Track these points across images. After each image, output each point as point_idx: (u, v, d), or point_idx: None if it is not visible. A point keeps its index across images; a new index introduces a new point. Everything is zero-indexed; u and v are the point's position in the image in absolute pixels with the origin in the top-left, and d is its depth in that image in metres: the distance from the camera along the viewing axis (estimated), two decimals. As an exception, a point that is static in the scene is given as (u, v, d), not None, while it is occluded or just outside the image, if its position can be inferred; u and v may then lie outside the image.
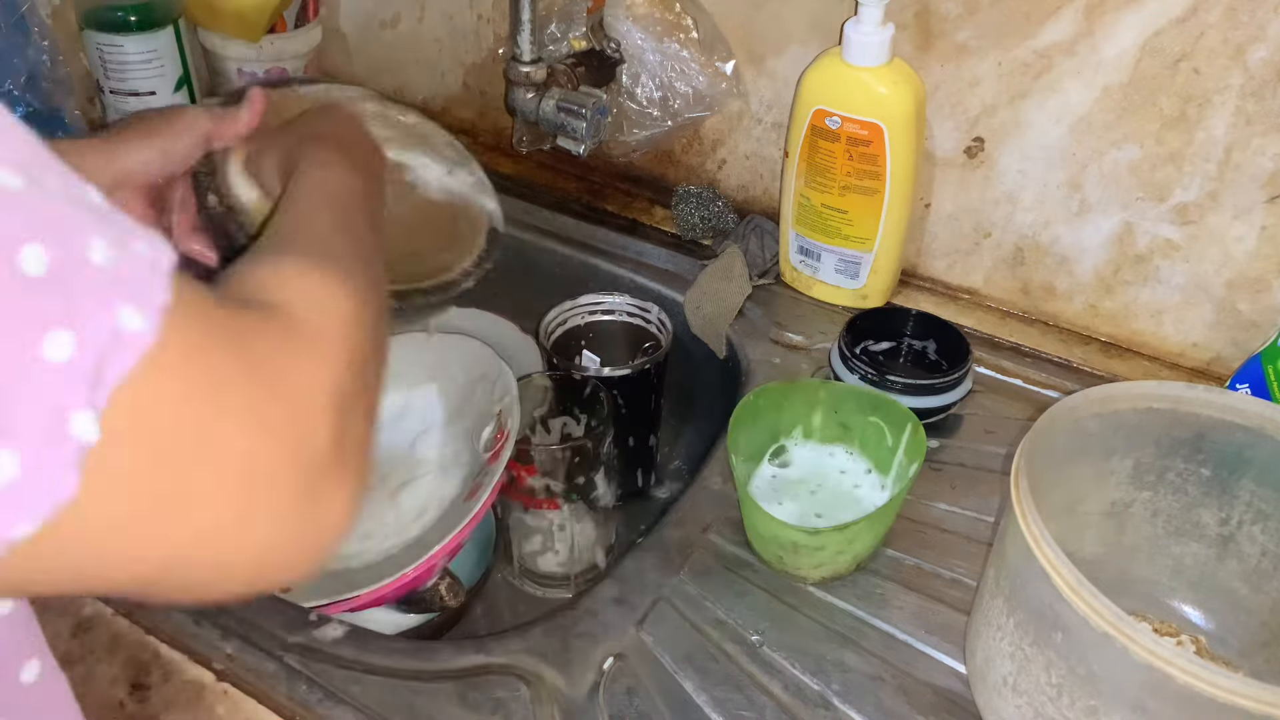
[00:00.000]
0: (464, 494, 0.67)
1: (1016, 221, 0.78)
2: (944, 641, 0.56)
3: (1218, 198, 0.70)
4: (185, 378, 0.27)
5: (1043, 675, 0.46)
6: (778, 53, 0.83)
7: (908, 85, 0.73)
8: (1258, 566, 0.54)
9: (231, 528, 0.29)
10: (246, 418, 0.29)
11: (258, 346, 0.31)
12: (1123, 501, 0.56)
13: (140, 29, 0.90)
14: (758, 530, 0.60)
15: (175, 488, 0.27)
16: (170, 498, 0.27)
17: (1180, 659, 0.39)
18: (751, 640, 0.56)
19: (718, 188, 0.92)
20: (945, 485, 0.66)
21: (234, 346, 0.30)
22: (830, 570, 0.59)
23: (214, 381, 0.28)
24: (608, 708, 0.53)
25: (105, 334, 0.25)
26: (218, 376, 0.28)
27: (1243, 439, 0.52)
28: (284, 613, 0.57)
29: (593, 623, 0.57)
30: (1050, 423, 0.50)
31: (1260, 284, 0.71)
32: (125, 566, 0.28)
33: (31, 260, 0.23)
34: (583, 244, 0.90)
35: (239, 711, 0.53)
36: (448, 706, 0.53)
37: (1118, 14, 0.68)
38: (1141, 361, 0.77)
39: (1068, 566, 0.42)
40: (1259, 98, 0.66)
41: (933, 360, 0.74)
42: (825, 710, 0.53)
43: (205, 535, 0.28)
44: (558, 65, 0.84)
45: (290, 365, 0.32)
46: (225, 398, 0.28)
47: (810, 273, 0.82)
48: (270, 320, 0.33)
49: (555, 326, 0.79)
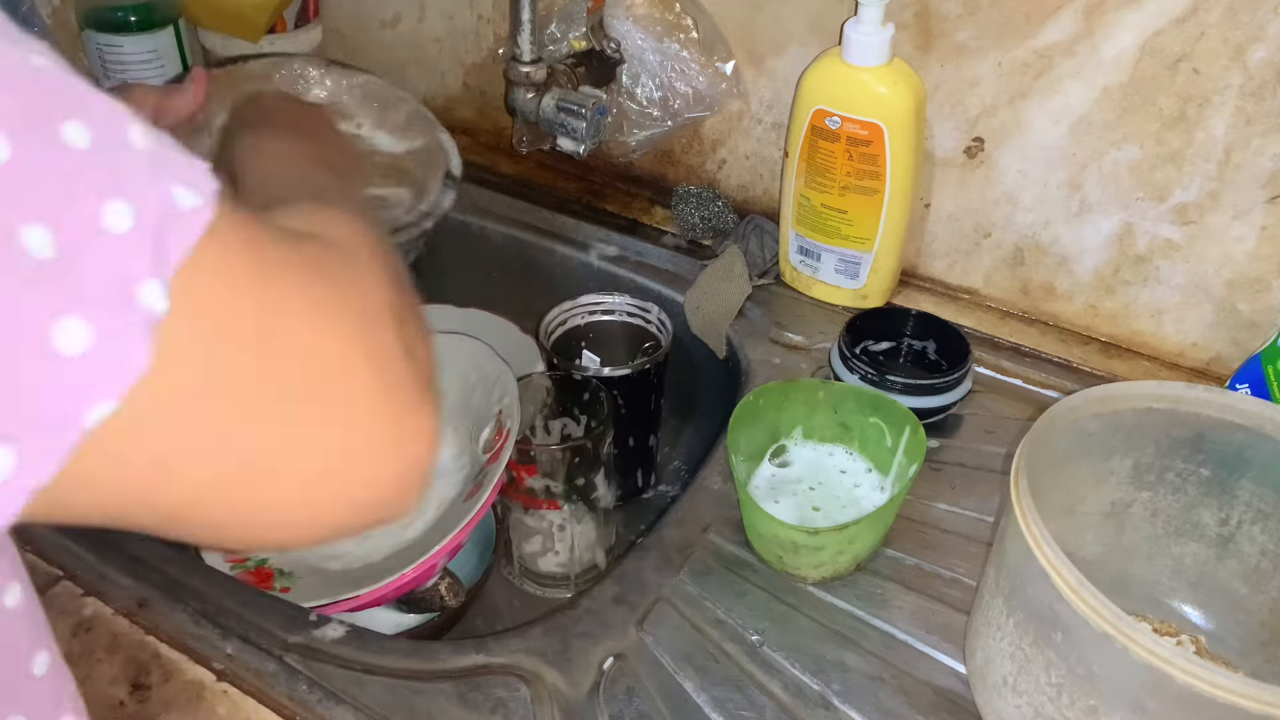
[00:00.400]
0: (464, 494, 0.67)
1: (1016, 221, 0.78)
2: (944, 641, 0.56)
3: (1218, 198, 0.70)
4: (249, 264, 0.26)
5: (1043, 675, 0.46)
6: (778, 53, 0.83)
7: (908, 85, 0.73)
8: (1257, 566, 0.54)
9: (311, 437, 0.27)
10: (316, 317, 0.28)
11: (314, 255, 0.30)
12: (1122, 501, 0.56)
13: (140, 29, 0.90)
14: (758, 530, 0.60)
15: (248, 375, 0.26)
16: (242, 387, 0.26)
17: (1180, 659, 0.39)
18: (751, 640, 0.56)
19: (718, 188, 0.92)
20: (945, 485, 0.66)
21: (292, 248, 0.28)
22: (830, 570, 0.59)
23: (279, 274, 0.27)
24: (608, 708, 0.53)
25: (161, 205, 0.24)
26: (281, 270, 0.27)
27: (1243, 439, 0.52)
28: (284, 613, 0.57)
29: (593, 623, 0.57)
30: (1050, 423, 0.50)
31: (1260, 284, 0.71)
32: (196, 470, 0.26)
33: (73, 133, 0.23)
34: (582, 244, 0.90)
35: (239, 711, 0.53)
36: (448, 706, 0.53)
37: (1118, 14, 0.68)
38: (1141, 361, 0.77)
39: (1068, 566, 0.42)
40: (1259, 98, 0.66)
41: (933, 360, 0.74)
42: (825, 710, 0.53)
43: (283, 438, 0.27)
44: (558, 65, 0.84)
45: (347, 275, 0.30)
46: (291, 292, 0.27)
47: (810, 273, 0.82)
48: (312, 240, 0.32)
49: (555, 326, 0.79)
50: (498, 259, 0.94)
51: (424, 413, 0.30)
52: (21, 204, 0.22)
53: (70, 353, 0.22)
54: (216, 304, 0.25)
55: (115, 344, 0.23)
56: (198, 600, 0.58)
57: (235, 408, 0.26)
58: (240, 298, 0.26)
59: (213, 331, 0.25)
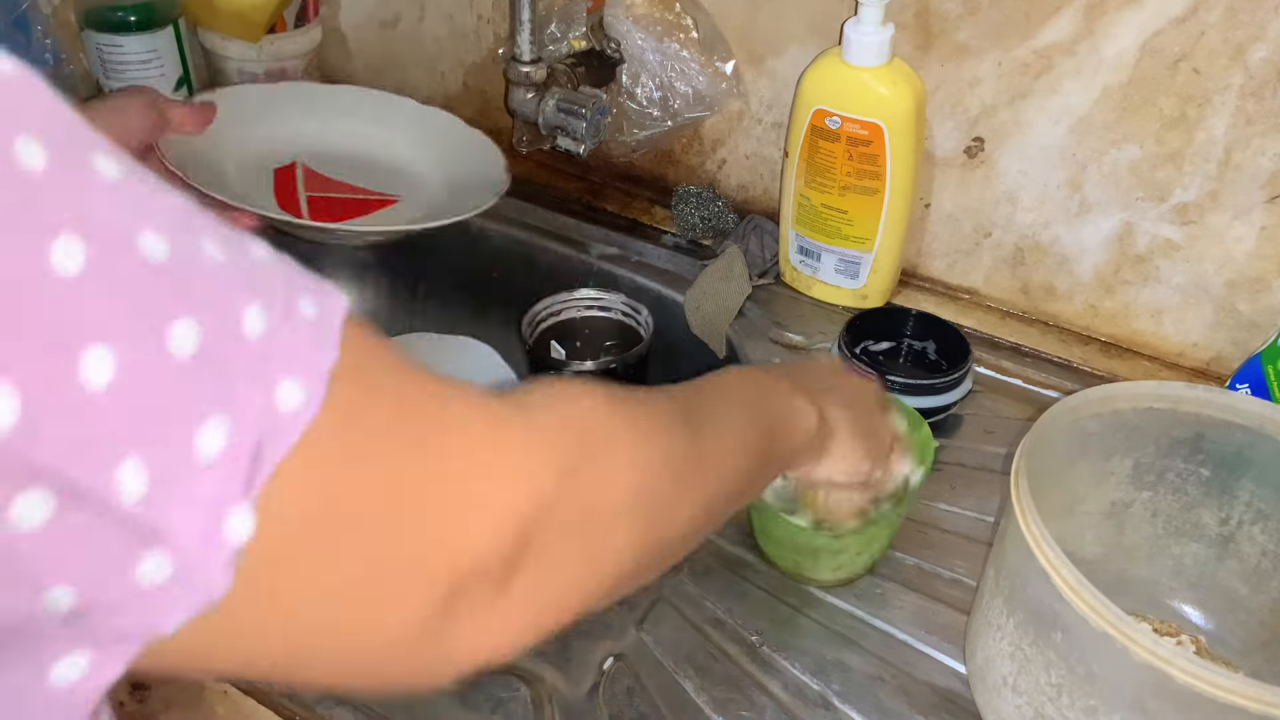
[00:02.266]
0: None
1: (1016, 221, 0.78)
2: (944, 641, 0.56)
3: (1218, 198, 0.70)
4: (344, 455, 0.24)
5: (1043, 675, 0.46)
6: (778, 53, 0.83)
7: (908, 85, 0.73)
8: (1258, 566, 0.54)
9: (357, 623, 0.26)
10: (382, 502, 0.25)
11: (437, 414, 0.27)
12: (1123, 501, 0.56)
13: (140, 29, 0.90)
14: (774, 536, 0.59)
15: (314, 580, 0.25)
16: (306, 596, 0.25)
17: (1180, 659, 0.39)
18: (751, 640, 0.56)
19: (718, 188, 0.92)
20: (945, 485, 0.66)
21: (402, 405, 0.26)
22: (848, 572, 0.59)
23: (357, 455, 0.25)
24: (608, 708, 0.53)
25: (261, 417, 0.22)
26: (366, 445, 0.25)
27: (1243, 439, 0.52)
28: (284, 613, 0.57)
29: (593, 623, 0.57)
30: (1050, 423, 0.50)
31: (1260, 284, 0.71)
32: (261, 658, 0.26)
33: (181, 338, 0.21)
34: (582, 244, 0.90)
35: (239, 711, 0.53)
36: (448, 706, 0.53)
37: (1118, 14, 0.68)
38: (1141, 361, 0.77)
39: (1068, 566, 0.42)
40: (1259, 98, 0.66)
41: (933, 360, 0.74)
42: (825, 710, 0.53)
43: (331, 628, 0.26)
44: (558, 65, 0.84)
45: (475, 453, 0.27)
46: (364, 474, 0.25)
47: (810, 273, 0.82)
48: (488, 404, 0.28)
49: (537, 324, 0.80)
50: (498, 259, 0.94)
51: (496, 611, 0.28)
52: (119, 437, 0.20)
53: (146, 586, 0.22)
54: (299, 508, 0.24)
55: (197, 575, 0.22)
56: (198, 600, 0.57)
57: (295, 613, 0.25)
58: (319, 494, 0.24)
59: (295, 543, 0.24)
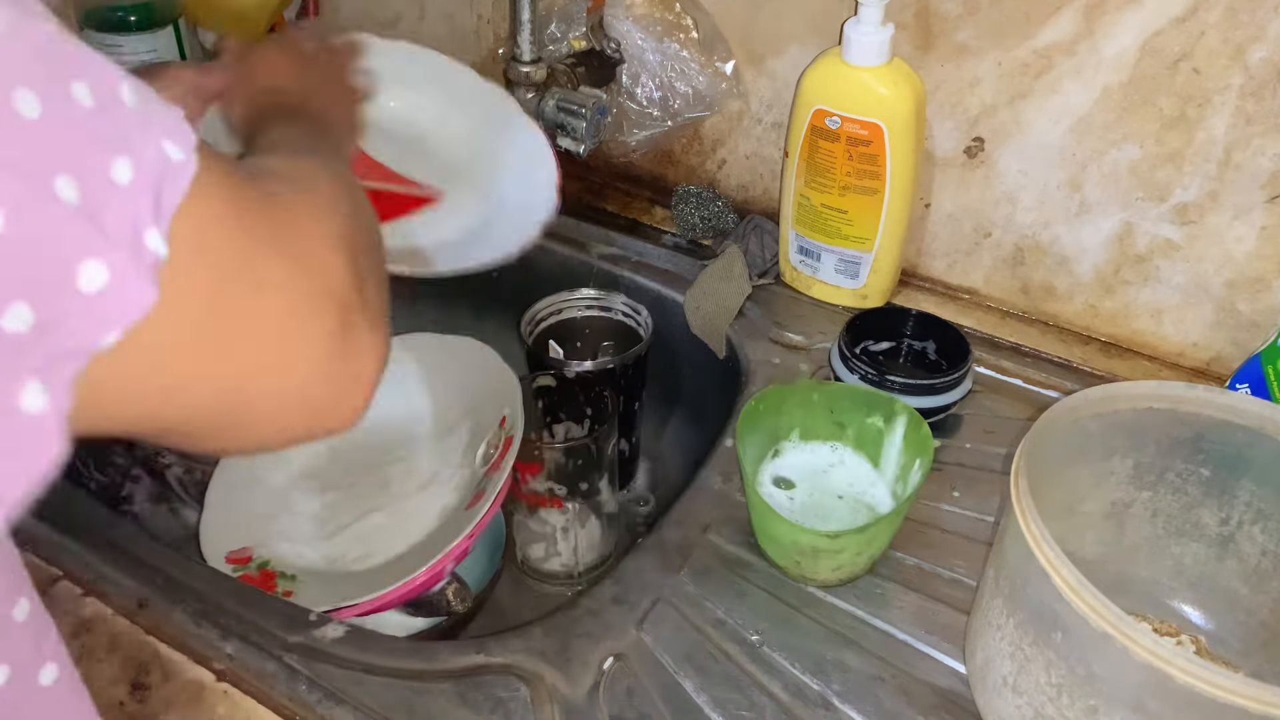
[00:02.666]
0: (469, 498, 0.67)
1: (1016, 221, 0.78)
2: (944, 641, 0.56)
3: (1218, 198, 0.70)
4: (227, 208, 0.30)
5: (1043, 675, 0.46)
6: (778, 53, 0.83)
7: (908, 85, 0.73)
8: (1258, 566, 0.54)
9: (275, 356, 0.31)
10: (274, 248, 0.31)
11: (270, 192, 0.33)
12: (1123, 501, 0.56)
13: (140, 29, 0.90)
14: (774, 537, 0.59)
15: (230, 308, 0.29)
16: (225, 318, 0.29)
17: (1180, 659, 0.39)
18: (751, 640, 0.56)
19: (718, 188, 0.92)
20: (945, 485, 0.66)
21: (254, 187, 0.32)
22: (848, 572, 0.59)
23: (246, 213, 0.31)
24: (608, 708, 0.53)
25: (157, 160, 0.27)
26: (248, 209, 0.31)
27: (1243, 439, 0.52)
28: (284, 613, 0.57)
29: (593, 623, 0.57)
30: (1050, 423, 0.50)
31: (1260, 284, 0.71)
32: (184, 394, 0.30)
33: (81, 93, 0.25)
34: (582, 244, 0.90)
35: (239, 711, 0.53)
36: (448, 706, 0.53)
37: (1118, 14, 0.68)
38: (1141, 361, 0.77)
39: (1068, 566, 0.42)
40: (1259, 98, 0.66)
41: (933, 360, 0.74)
42: (825, 710, 0.53)
43: (257, 360, 0.31)
44: (558, 65, 0.84)
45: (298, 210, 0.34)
46: (257, 229, 0.31)
47: (810, 273, 0.82)
48: (270, 178, 0.36)
49: (536, 324, 0.80)
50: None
51: (370, 329, 0.34)
52: (53, 157, 0.24)
53: (88, 291, 0.25)
54: (203, 244, 0.29)
55: (127, 283, 0.26)
56: (198, 600, 0.58)
57: (220, 336, 0.30)
58: (219, 235, 0.29)
59: (203, 271, 0.29)
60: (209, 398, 0.30)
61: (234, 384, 0.31)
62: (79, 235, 0.25)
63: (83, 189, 0.25)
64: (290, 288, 0.31)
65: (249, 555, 0.67)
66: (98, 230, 0.25)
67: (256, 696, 0.53)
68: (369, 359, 0.34)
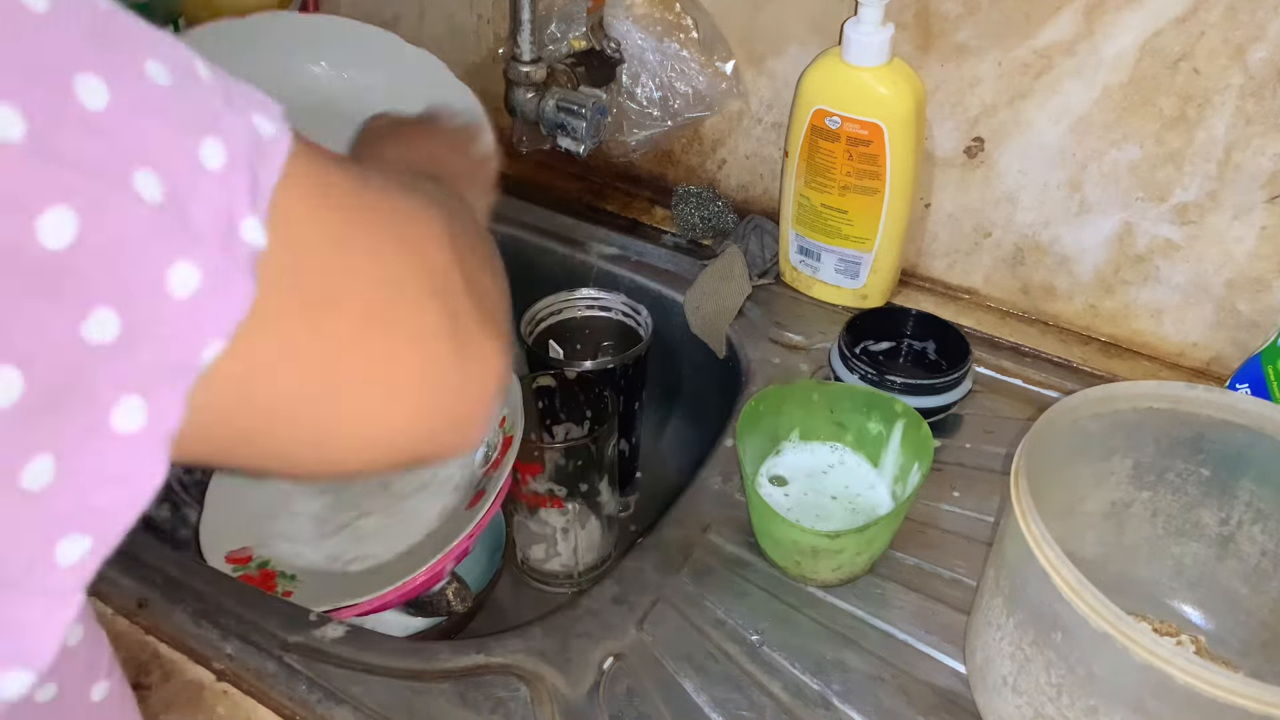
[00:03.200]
0: (469, 499, 0.67)
1: (1016, 221, 0.78)
2: (944, 641, 0.56)
3: (1218, 198, 0.70)
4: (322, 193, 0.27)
5: (1043, 675, 0.46)
6: (778, 53, 0.83)
7: (908, 85, 0.73)
8: (1258, 566, 0.54)
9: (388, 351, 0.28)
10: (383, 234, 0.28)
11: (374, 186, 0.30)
12: (1123, 501, 0.56)
13: (140, 29, 0.90)
14: (775, 537, 0.59)
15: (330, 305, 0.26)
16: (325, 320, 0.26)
17: (1180, 659, 0.39)
18: (751, 640, 0.56)
19: (718, 188, 0.92)
20: (945, 485, 0.66)
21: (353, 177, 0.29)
22: (848, 572, 0.59)
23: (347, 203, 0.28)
24: (608, 708, 0.53)
25: (248, 137, 0.24)
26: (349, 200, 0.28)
27: (1243, 439, 0.52)
28: (284, 613, 0.57)
29: (593, 623, 0.57)
30: (1050, 423, 0.50)
31: (1260, 284, 0.71)
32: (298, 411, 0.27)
33: (156, 72, 0.23)
34: (582, 244, 0.90)
35: (239, 711, 0.53)
36: (448, 706, 0.53)
37: (1118, 14, 0.68)
38: (1141, 361, 0.77)
39: (1068, 566, 0.42)
40: (1259, 98, 0.66)
41: (933, 360, 0.74)
42: (825, 710, 0.53)
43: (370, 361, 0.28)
44: (558, 65, 0.84)
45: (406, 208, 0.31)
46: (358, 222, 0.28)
47: (810, 273, 0.82)
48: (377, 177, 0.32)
49: (536, 324, 0.80)
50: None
51: (487, 345, 0.31)
52: (129, 149, 0.21)
53: (181, 296, 0.22)
54: (300, 235, 0.26)
55: (222, 281, 0.23)
56: (198, 600, 0.58)
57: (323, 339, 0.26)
58: (318, 227, 0.26)
59: (302, 263, 0.26)
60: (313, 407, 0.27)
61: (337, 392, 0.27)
62: (165, 236, 0.22)
63: (166, 181, 0.22)
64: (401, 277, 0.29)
65: (249, 555, 0.67)
66: (186, 227, 0.22)
67: (256, 696, 0.53)
68: (486, 371, 0.31)
